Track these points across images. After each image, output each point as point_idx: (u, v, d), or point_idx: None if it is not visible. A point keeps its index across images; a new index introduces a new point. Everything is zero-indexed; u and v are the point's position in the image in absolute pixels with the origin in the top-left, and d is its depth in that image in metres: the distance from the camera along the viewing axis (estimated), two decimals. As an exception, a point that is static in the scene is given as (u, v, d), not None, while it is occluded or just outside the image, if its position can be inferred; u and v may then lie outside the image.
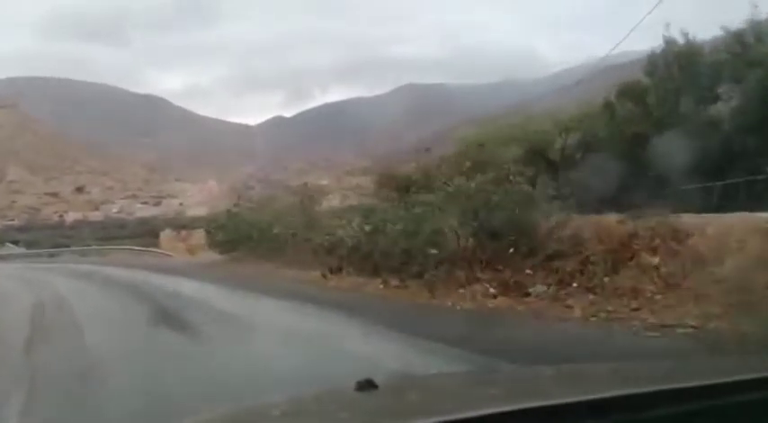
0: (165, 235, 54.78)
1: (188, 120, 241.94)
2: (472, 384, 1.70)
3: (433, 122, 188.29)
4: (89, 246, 56.44)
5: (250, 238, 25.40)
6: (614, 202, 13.56)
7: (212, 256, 29.93)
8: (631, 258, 9.73)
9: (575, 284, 9.90)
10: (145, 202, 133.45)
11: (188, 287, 16.54)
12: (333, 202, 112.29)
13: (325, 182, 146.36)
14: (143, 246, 49.36)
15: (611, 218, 11.30)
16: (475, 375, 2.05)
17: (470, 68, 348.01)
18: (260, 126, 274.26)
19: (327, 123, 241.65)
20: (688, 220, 10.25)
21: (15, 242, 72.26)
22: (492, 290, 10.78)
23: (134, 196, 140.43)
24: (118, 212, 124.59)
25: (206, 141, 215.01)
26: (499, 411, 1.06)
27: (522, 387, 1.57)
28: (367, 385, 1.28)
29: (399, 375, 5.46)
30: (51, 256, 49.07)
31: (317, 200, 28.18)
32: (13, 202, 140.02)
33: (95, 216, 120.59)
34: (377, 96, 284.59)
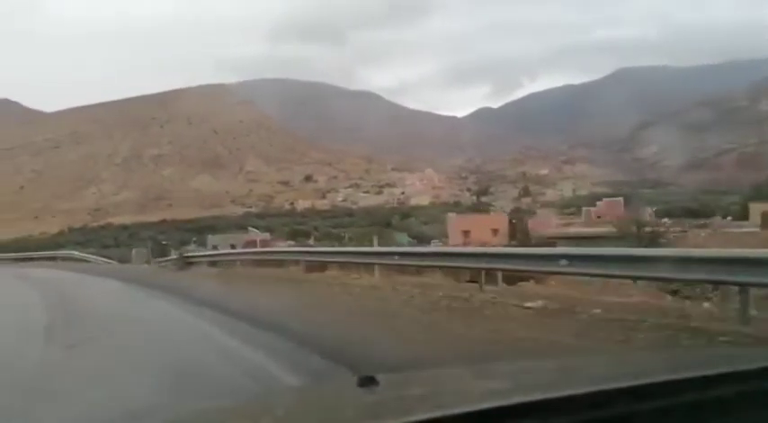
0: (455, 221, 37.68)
1: (399, 113, 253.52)
2: (473, 379, 1.72)
3: (651, 107, 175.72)
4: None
5: None
6: None
7: None
8: None
9: None
10: (366, 192, 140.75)
11: None
12: (565, 191, 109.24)
13: (544, 171, 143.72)
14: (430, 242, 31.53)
15: None
16: (475, 369, 2.12)
17: (690, 49, 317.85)
18: (467, 117, 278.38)
19: (535, 113, 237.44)
20: None
21: (256, 227, 78.66)
22: None
23: (356, 185, 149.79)
24: (343, 201, 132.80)
25: (416, 133, 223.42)
26: (500, 405, 1.08)
27: (523, 380, 1.58)
28: (368, 381, 1.31)
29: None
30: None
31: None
32: (251, 190, 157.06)
33: (322, 204, 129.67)
34: (588, 82, 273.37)
